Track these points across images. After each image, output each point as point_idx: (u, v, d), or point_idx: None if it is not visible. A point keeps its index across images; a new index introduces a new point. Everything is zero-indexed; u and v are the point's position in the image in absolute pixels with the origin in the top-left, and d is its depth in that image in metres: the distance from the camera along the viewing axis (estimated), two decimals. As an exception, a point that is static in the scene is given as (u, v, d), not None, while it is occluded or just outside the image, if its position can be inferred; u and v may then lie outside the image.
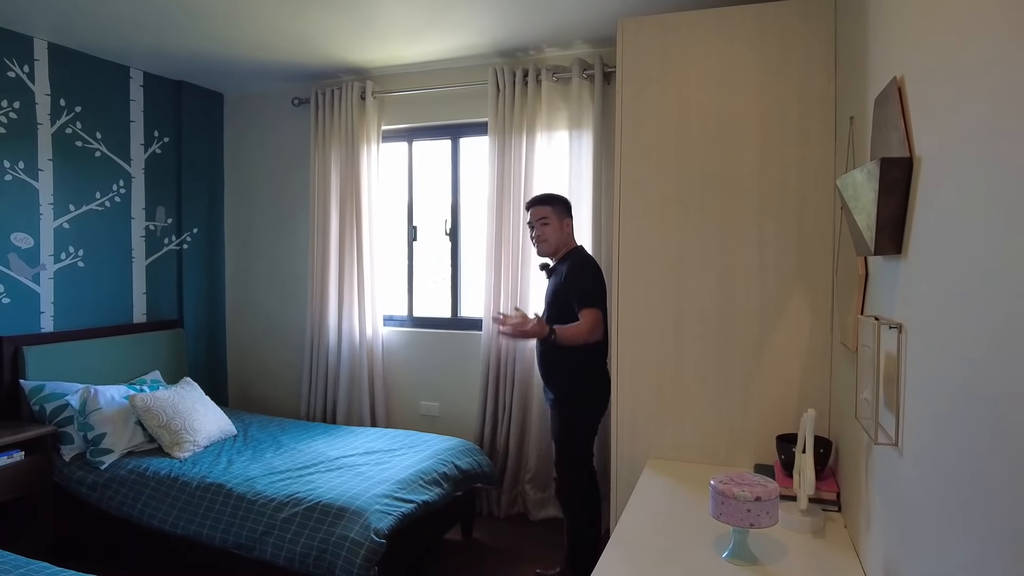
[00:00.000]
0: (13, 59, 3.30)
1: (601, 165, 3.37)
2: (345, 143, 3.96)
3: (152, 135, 4.04)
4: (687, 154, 2.37)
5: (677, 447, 2.41)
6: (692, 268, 2.37)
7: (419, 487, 2.81)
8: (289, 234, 4.36)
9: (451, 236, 3.97)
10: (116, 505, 2.89)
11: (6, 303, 3.29)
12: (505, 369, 3.61)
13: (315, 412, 4.09)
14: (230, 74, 4.05)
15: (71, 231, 3.58)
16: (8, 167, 3.29)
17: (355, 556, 2.36)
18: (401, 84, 3.93)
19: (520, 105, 3.53)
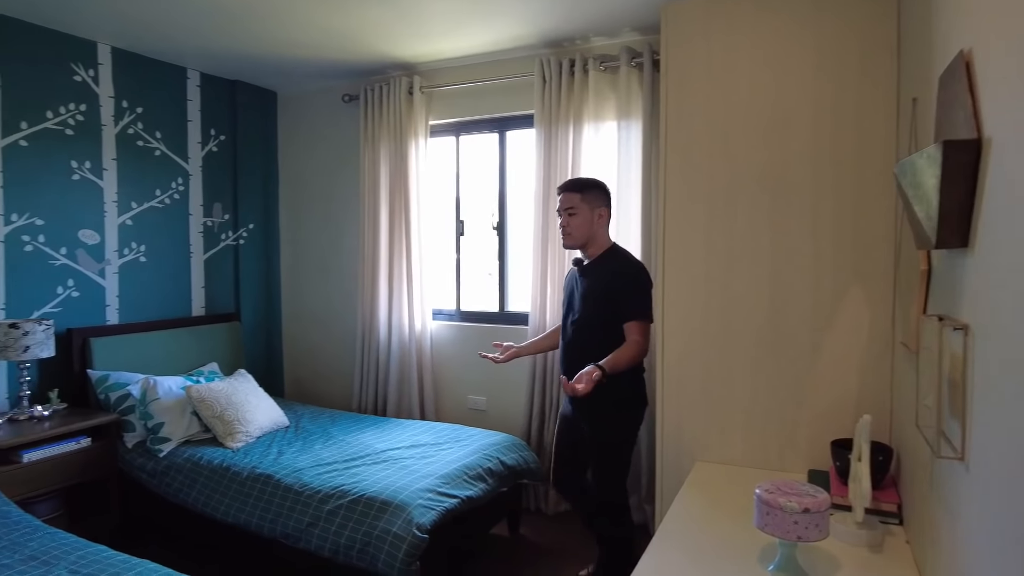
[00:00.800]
0: (79, 64, 3.44)
1: (651, 155, 3.27)
2: (394, 138, 3.97)
3: (209, 134, 4.16)
4: (735, 143, 2.26)
5: (725, 450, 2.31)
6: (741, 263, 2.26)
7: (463, 482, 2.79)
8: (340, 229, 4.42)
9: (498, 230, 3.94)
10: (173, 492, 2.99)
11: (75, 296, 3.45)
12: (553, 365, 3.56)
13: (366, 404, 4.14)
14: (282, 73, 4.12)
15: (134, 227, 3.72)
16: (76, 167, 3.44)
17: (397, 550, 2.36)
18: (448, 78, 3.91)
19: (567, 96, 3.46)
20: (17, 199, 3.20)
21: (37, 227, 3.28)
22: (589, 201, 2.47)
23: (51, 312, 3.34)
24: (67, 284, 3.41)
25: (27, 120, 3.23)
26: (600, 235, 2.50)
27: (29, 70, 3.23)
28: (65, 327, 3.38)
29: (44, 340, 3.06)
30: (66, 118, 3.39)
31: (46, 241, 3.31)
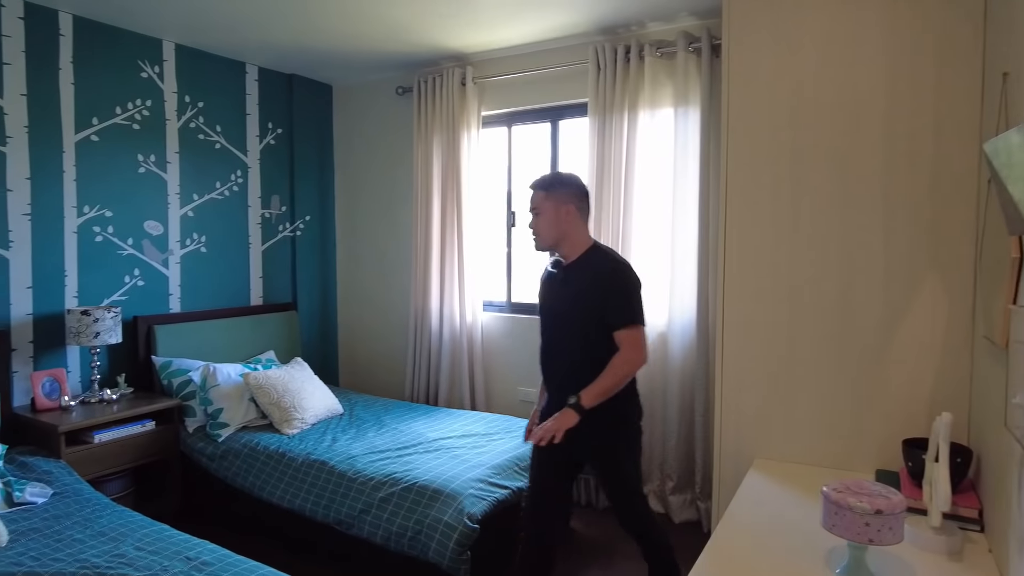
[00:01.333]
0: (145, 61, 3.56)
1: (709, 142, 3.17)
2: (446, 130, 3.97)
3: (266, 127, 4.25)
4: (801, 126, 2.16)
5: (787, 447, 2.22)
6: (807, 252, 2.16)
7: (514, 473, 2.78)
8: (394, 221, 4.45)
9: (550, 221, 3.89)
10: (231, 476, 3.07)
11: (141, 286, 3.58)
12: (605, 357, 3.50)
13: (418, 394, 4.17)
14: (338, 66, 4.17)
15: (195, 219, 3.83)
16: (141, 160, 3.56)
17: (448, 539, 2.36)
18: (500, 68, 3.88)
19: (622, 83, 3.39)
20: (88, 192, 3.33)
21: (106, 218, 3.41)
22: (554, 199, 2.20)
23: (119, 300, 3.47)
24: (133, 273, 3.54)
25: (98, 116, 3.36)
26: (574, 234, 2.21)
27: (100, 68, 3.35)
28: (131, 315, 3.51)
29: (112, 327, 3.18)
30: (133, 113, 3.51)
31: (114, 232, 3.44)
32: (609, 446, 2.16)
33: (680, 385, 3.32)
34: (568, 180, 2.26)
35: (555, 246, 2.24)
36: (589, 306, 2.12)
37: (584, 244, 2.22)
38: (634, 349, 2.07)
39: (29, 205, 3.11)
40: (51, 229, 3.19)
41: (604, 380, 2.05)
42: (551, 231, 2.21)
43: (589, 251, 2.22)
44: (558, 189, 2.22)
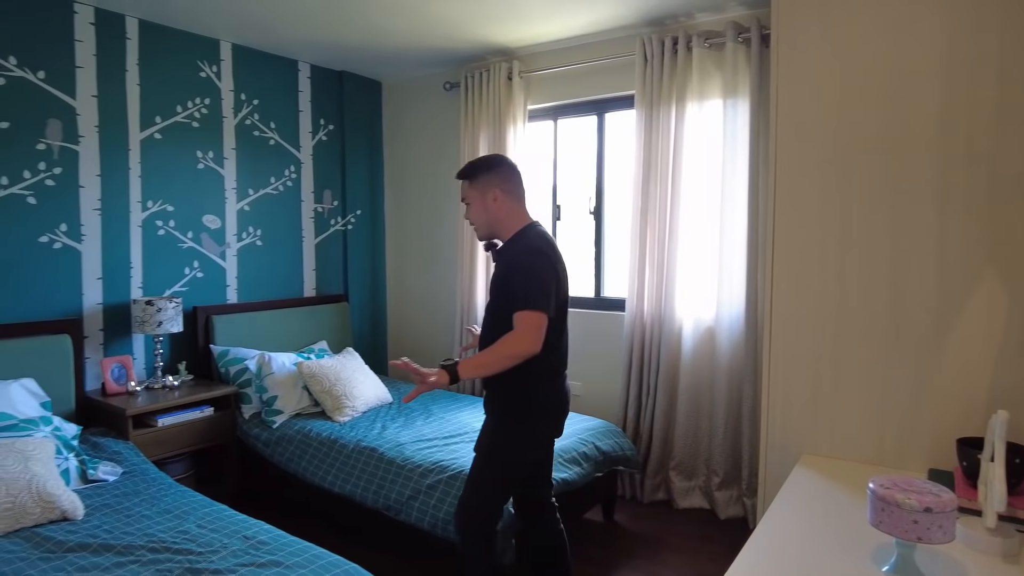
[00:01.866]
0: (204, 61, 3.70)
1: (758, 133, 3.13)
2: (492, 124, 4.01)
3: (318, 123, 4.36)
4: (853, 115, 2.11)
5: (835, 443, 2.19)
6: (857, 246, 2.12)
7: (558, 464, 2.80)
8: (441, 215, 4.52)
9: (595, 214, 3.90)
10: (285, 461, 3.19)
11: (200, 277, 3.73)
12: (650, 352, 3.50)
13: (464, 384, 4.23)
14: (387, 62, 4.25)
15: (251, 213, 3.97)
16: (200, 157, 3.71)
17: (493, 528, 2.41)
18: (546, 62, 3.90)
19: (669, 75, 3.36)
20: (152, 187, 3.49)
21: (168, 213, 3.57)
22: (479, 187, 2.13)
23: (179, 291, 3.63)
24: (193, 265, 3.70)
25: (161, 115, 3.51)
26: (506, 218, 2.13)
27: (163, 69, 3.50)
28: (191, 305, 3.67)
29: (174, 316, 3.33)
30: (193, 111, 3.66)
31: (175, 226, 3.60)
32: (485, 432, 2.13)
33: (728, 380, 3.30)
34: (489, 164, 2.17)
35: (491, 234, 2.18)
36: (502, 291, 2.05)
37: (515, 227, 2.13)
38: (523, 330, 1.93)
39: (99, 200, 3.28)
40: (118, 223, 3.36)
41: (485, 354, 1.96)
42: (482, 219, 2.15)
43: (516, 234, 2.12)
44: (480, 176, 2.14)
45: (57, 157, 3.12)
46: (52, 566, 1.92)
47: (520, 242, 2.09)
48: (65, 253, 3.17)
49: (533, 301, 1.94)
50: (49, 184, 3.09)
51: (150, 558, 1.96)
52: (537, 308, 1.94)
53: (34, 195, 3.04)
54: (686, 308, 3.43)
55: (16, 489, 2.17)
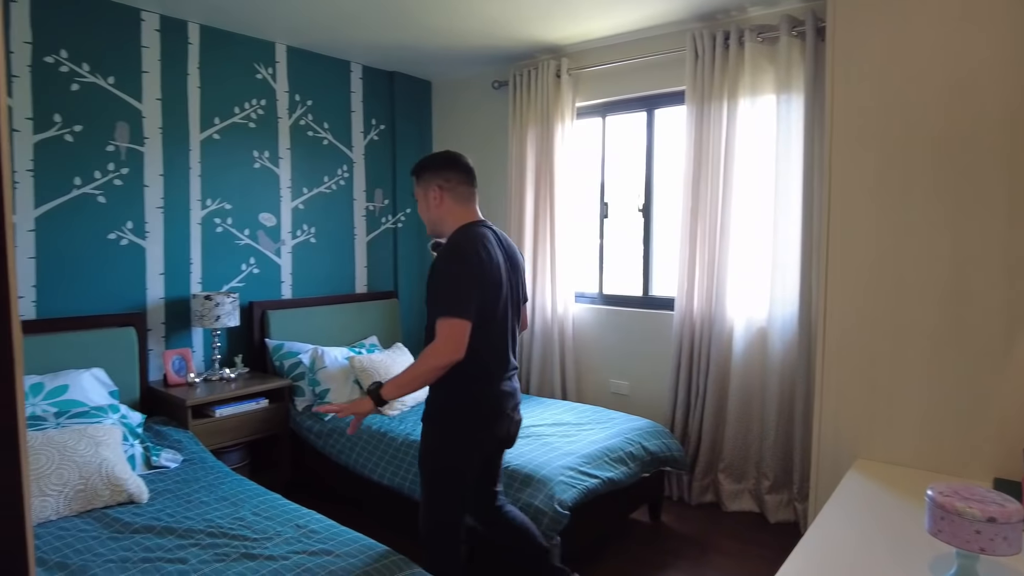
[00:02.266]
0: (260, 63, 3.82)
1: (813, 130, 3.05)
2: (540, 122, 4.02)
3: (370, 123, 4.45)
4: (913, 110, 2.04)
5: (891, 448, 2.12)
6: (916, 245, 2.05)
7: (605, 463, 2.80)
8: (488, 212, 4.54)
9: (644, 212, 3.86)
10: (336, 453, 3.26)
11: (256, 273, 3.86)
12: (699, 353, 3.45)
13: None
14: (436, 62, 4.30)
15: (305, 211, 4.08)
16: (257, 156, 3.83)
17: (538, 523, 2.42)
18: (595, 59, 3.88)
19: (721, 70, 3.30)
20: (211, 186, 3.62)
21: (226, 211, 3.70)
22: (423, 184, 2.14)
23: (236, 287, 3.76)
24: (249, 262, 3.82)
25: (219, 116, 3.64)
26: (447, 216, 2.10)
27: (222, 71, 3.63)
28: (248, 300, 3.79)
29: (231, 311, 3.45)
30: (249, 112, 3.78)
31: (233, 223, 3.73)
32: (421, 443, 2.08)
33: (779, 382, 3.23)
34: (431, 162, 2.15)
35: (435, 232, 2.15)
36: (428, 294, 2.01)
37: (454, 226, 2.08)
38: (442, 340, 1.87)
39: (162, 199, 3.42)
40: (180, 221, 3.50)
41: (406, 371, 1.94)
42: (425, 217, 2.15)
43: (451, 234, 2.06)
44: (424, 174, 2.13)
45: (124, 158, 3.27)
46: (120, 545, 2.02)
47: (449, 244, 2.02)
48: (131, 250, 3.32)
49: (452, 308, 1.89)
50: (117, 184, 3.24)
51: (209, 542, 2.04)
52: (456, 315, 1.89)
53: (104, 194, 3.20)
54: (737, 308, 3.36)
55: (88, 472, 2.29)
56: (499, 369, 2.06)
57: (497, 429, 2.08)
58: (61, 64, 3.03)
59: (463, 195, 2.13)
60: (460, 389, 2.01)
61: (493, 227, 2.16)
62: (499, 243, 2.12)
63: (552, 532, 2.40)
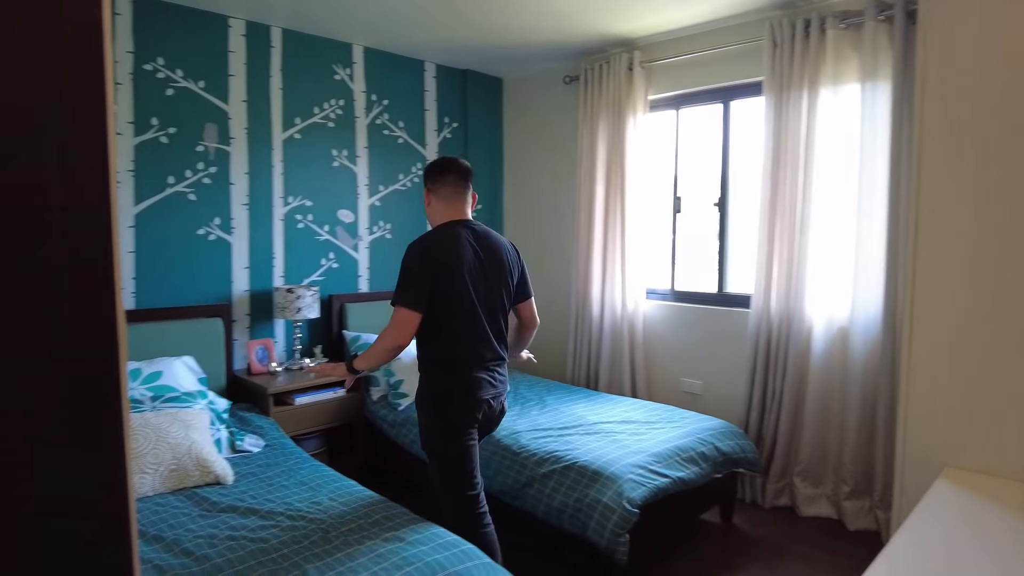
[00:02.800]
0: (339, 64, 3.95)
1: (901, 119, 2.89)
2: (611, 116, 3.98)
3: (443, 121, 4.52)
4: (1013, 97, 1.90)
5: (985, 457, 1.99)
6: (1016, 240, 1.91)
7: (676, 463, 2.76)
8: (557, 208, 4.55)
9: (719, 206, 3.77)
10: (408, 442, 3.35)
11: (335, 268, 4.00)
12: (777, 352, 3.34)
13: (579, 377, 4.25)
14: (508, 59, 4.33)
15: (381, 208, 4.20)
16: (336, 155, 3.97)
17: (607, 520, 2.41)
18: (668, 51, 3.81)
19: (801, 59, 3.18)
20: (292, 184, 3.78)
21: (307, 208, 3.85)
22: (426, 186, 2.37)
23: (316, 280, 3.91)
24: (328, 257, 3.97)
25: (300, 116, 3.79)
26: (433, 216, 2.34)
27: (302, 73, 3.78)
28: (327, 293, 3.94)
29: (311, 303, 3.60)
30: (328, 112, 3.91)
31: (313, 220, 3.88)
32: (420, 425, 2.30)
33: (861, 384, 3.08)
34: (429, 167, 2.35)
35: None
36: None
37: (438, 223, 2.30)
38: (391, 326, 2.14)
39: (247, 196, 3.60)
40: (263, 217, 3.67)
41: (369, 348, 2.23)
42: (427, 216, 2.39)
43: (428, 231, 2.29)
44: (425, 178, 2.36)
45: (212, 157, 3.45)
46: (208, 523, 2.15)
47: (415, 241, 2.23)
48: (218, 244, 3.50)
49: (400, 298, 2.13)
50: (206, 182, 3.43)
51: (288, 524, 2.14)
52: (403, 304, 2.11)
53: (194, 192, 3.39)
54: (817, 306, 3.24)
55: (180, 453, 2.44)
56: (470, 358, 2.23)
57: (472, 413, 2.24)
58: (158, 71, 3.23)
59: (447, 196, 2.31)
60: (435, 377, 2.25)
61: (475, 226, 2.32)
62: (475, 242, 2.28)
63: (620, 530, 2.39)
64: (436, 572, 1.87)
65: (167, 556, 1.94)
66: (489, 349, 2.28)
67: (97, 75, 0.70)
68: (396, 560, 1.90)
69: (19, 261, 0.65)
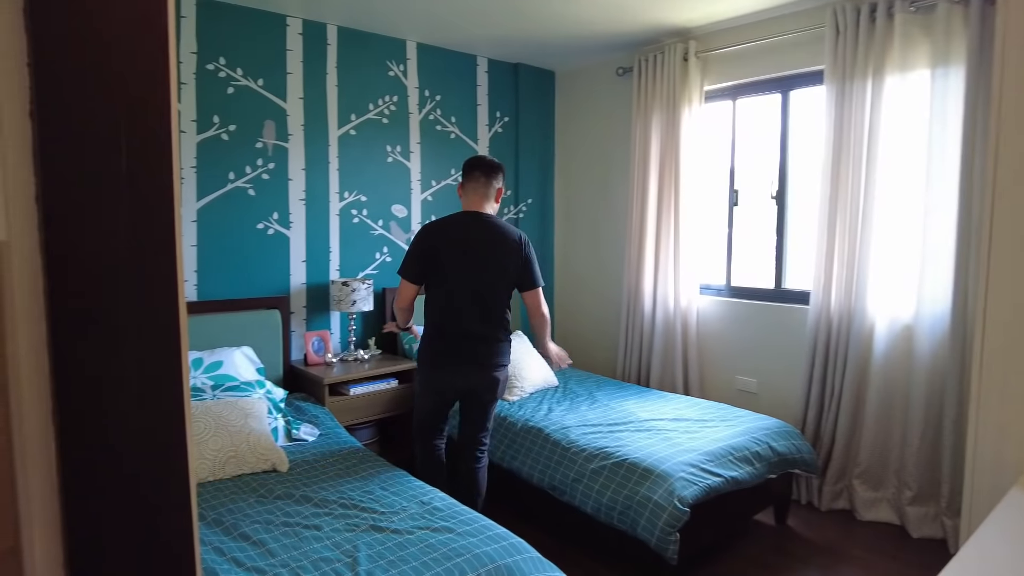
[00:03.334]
0: (393, 61, 4.00)
1: (976, 107, 2.74)
2: (666, 108, 3.91)
3: (494, 116, 4.53)
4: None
5: (1068, 464, 1.87)
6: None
7: (729, 462, 2.70)
8: (609, 202, 4.51)
9: (777, 200, 3.66)
10: (458, 434, 3.38)
11: (388, 261, 4.06)
12: (836, 351, 3.23)
13: (629, 373, 4.20)
14: (560, 52, 4.30)
15: (433, 202, 4.24)
16: (390, 151, 4.03)
17: (657, 519, 2.38)
18: (725, 40, 3.71)
19: (865, 45, 3.05)
20: (348, 180, 3.85)
21: (362, 203, 3.92)
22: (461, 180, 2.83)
23: (370, 274, 3.98)
24: (382, 251, 4.03)
25: (355, 112, 3.86)
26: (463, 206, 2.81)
27: (357, 70, 3.84)
28: (380, 287, 4.00)
29: (366, 296, 3.66)
30: (382, 109, 3.97)
31: (368, 214, 3.95)
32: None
33: (927, 385, 2.95)
34: (464, 163, 2.81)
35: None
36: None
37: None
38: (397, 291, 2.80)
39: (304, 192, 3.69)
40: (319, 212, 3.76)
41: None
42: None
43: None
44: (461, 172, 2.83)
45: (271, 154, 3.55)
46: (265, 508, 2.22)
47: (424, 224, 2.86)
48: (276, 238, 3.60)
49: (401, 270, 2.73)
50: (265, 178, 3.53)
51: (341, 512, 2.19)
52: (401, 275, 2.73)
53: (253, 187, 3.49)
54: (880, 303, 3.11)
55: (238, 440, 2.53)
56: (450, 327, 2.67)
57: (446, 376, 2.70)
58: (220, 70, 3.34)
59: (471, 189, 2.76)
60: (423, 341, 2.76)
61: (485, 218, 2.72)
62: (475, 230, 2.68)
63: (671, 529, 2.36)
64: (485, 564, 1.88)
65: (226, 539, 2.01)
66: (473, 323, 2.66)
67: (162, 76, 0.72)
68: (446, 551, 1.92)
69: (87, 255, 0.68)
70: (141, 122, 0.71)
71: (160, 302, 0.73)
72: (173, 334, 0.74)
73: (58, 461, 0.69)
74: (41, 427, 0.70)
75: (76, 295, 0.66)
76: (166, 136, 0.73)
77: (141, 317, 0.71)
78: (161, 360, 0.73)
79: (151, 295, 0.72)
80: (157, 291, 0.72)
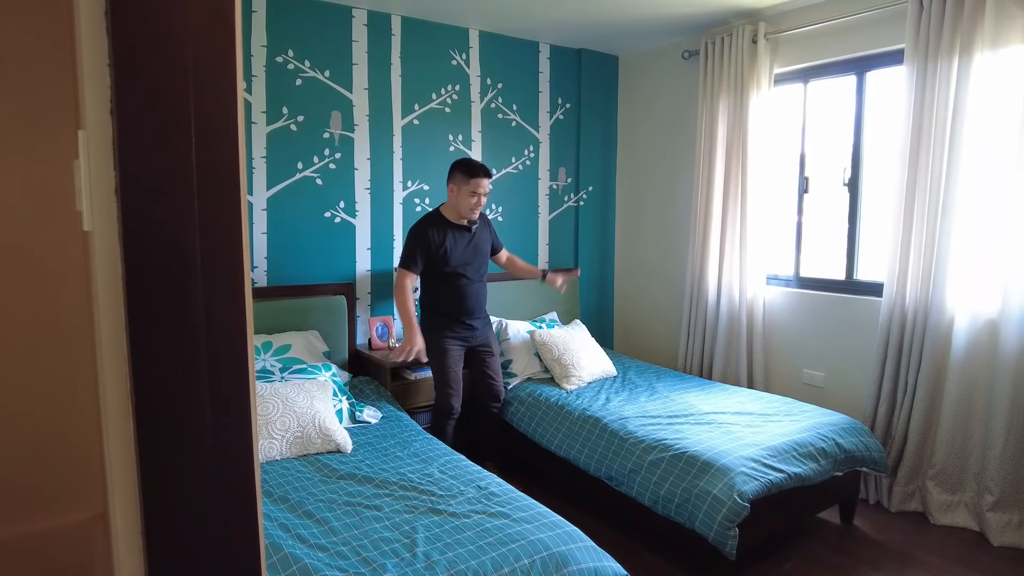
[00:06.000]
0: (455, 50, 4.02)
1: (1074, 87, 2.54)
2: (733, 91, 3.79)
3: (556, 102, 4.50)
4: None
5: None
6: None
7: (792, 458, 2.63)
8: (673, 189, 4.42)
9: (850, 187, 3.50)
10: (516, 420, 3.41)
11: (448, 249, 4.11)
12: (911, 345, 3.08)
13: (691, 365, 4.13)
14: (624, 36, 4.22)
15: (493, 191, 4.25)
16: (451, 139, 4.06)
17: (716, 513, 2.35)
18: (797, 20, 3.56)
19: (952, 21, 2.87)
20: (411, 168, 3.91)
21: (424, 191, 3.98)
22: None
23: (431, 261, 4.04)
24: (443, 238, 4.09)
25: (418, 102, 3.91)
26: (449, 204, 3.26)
27: (420, 60, 3.88)
28: (441, 274, 4.06)
29: (426, 284, 3.72)
30: (445, 98, 4.01)
31: (430, 203, 4.00)
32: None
33: (1013, 384, 2.78)
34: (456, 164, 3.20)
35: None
36: None
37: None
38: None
39: (369, 181, 3.77)
40: (384, 201, 3.84)
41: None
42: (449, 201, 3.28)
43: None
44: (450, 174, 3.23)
45: (338, 144, 3.64)
46: (328, 488, 2.30)
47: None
48: (343, 227, 3.70)
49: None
50: (332, 167, 3.63)
51: (400, 494, 2.25)
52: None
53: (321, 177, 3.60)
54: (960, 297, 2.95)
55: (304, 421, 2.63)
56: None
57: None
58: (288, 63, 3.44)
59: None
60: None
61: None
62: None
63: (729, 523, 2.32)
64: (540, 551, 1.90)
65: (291, 516, 2.10)
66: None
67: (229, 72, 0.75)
68: (501, 536, 1.95)
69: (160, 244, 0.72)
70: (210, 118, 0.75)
71: (227, 287, 0.76)
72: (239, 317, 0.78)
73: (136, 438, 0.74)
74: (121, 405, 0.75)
75: (150, 281, 0.71)
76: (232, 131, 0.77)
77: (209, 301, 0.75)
78: (227, 342, 0.77)
79: (219, 281, 0.75)
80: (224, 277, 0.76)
